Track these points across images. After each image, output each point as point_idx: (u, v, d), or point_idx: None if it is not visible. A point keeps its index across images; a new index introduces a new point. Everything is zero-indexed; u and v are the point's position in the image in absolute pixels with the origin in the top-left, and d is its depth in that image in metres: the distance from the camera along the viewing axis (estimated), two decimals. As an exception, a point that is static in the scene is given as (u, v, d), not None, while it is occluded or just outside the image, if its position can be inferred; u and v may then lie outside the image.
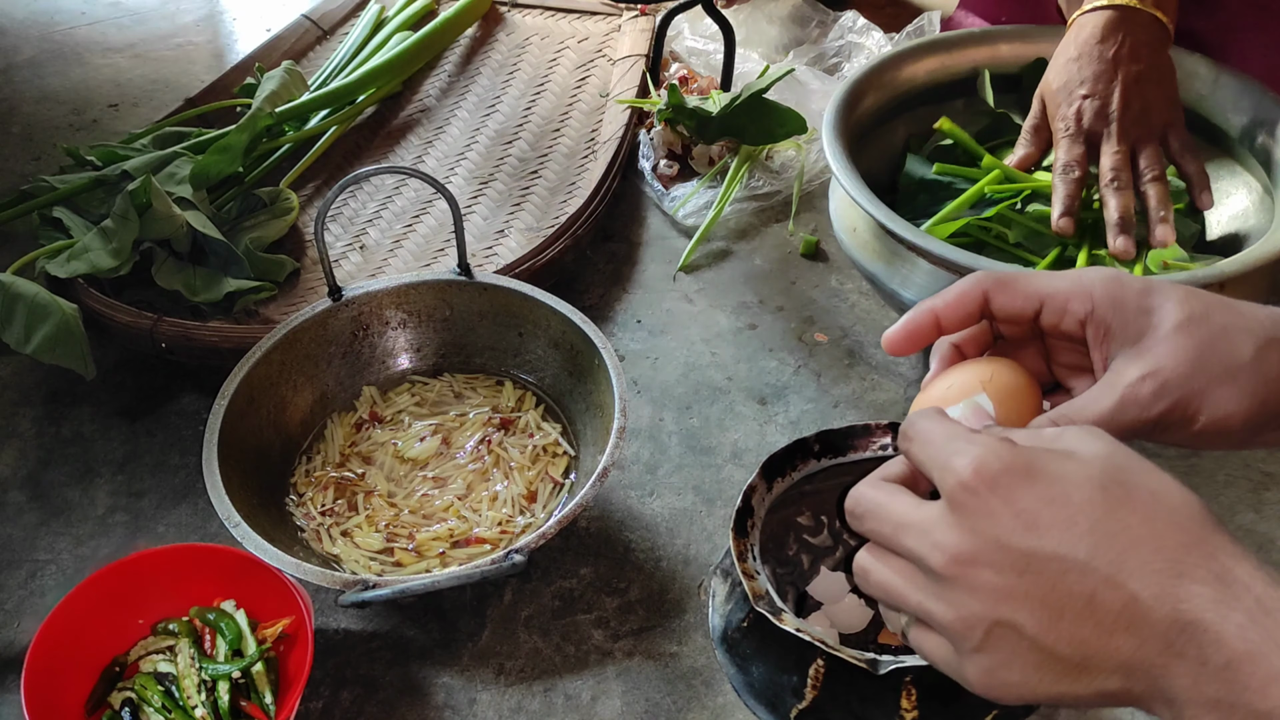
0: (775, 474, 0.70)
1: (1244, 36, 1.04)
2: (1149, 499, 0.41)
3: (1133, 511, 0.41)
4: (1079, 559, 0.40)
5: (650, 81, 1.24)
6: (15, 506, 0.87)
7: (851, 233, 0.89)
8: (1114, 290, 0.50)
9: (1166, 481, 0.42)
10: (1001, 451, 0.42)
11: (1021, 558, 0.41)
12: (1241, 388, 0.47)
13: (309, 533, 0.80)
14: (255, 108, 1.09)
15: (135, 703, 0.69)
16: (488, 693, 0.72)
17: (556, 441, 0.85)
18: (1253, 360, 0.48)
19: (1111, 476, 0.42)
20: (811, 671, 0.64)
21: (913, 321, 0.53)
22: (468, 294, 0.90)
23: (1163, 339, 0.48)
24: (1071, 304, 0.51)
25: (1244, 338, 0.48)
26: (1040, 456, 0.42)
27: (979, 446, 0.43)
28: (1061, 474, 0.42)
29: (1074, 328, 0.51)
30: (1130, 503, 0.41)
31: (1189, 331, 0.48)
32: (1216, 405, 0.48)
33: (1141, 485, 0.42)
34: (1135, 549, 0.40)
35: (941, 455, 0.44)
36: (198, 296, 0.95)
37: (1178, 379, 0.47)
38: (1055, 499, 0.41)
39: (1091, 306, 0.50)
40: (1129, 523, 0.40)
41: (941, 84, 1.00)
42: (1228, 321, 0.48)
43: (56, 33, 1.57)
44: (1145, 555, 0.40)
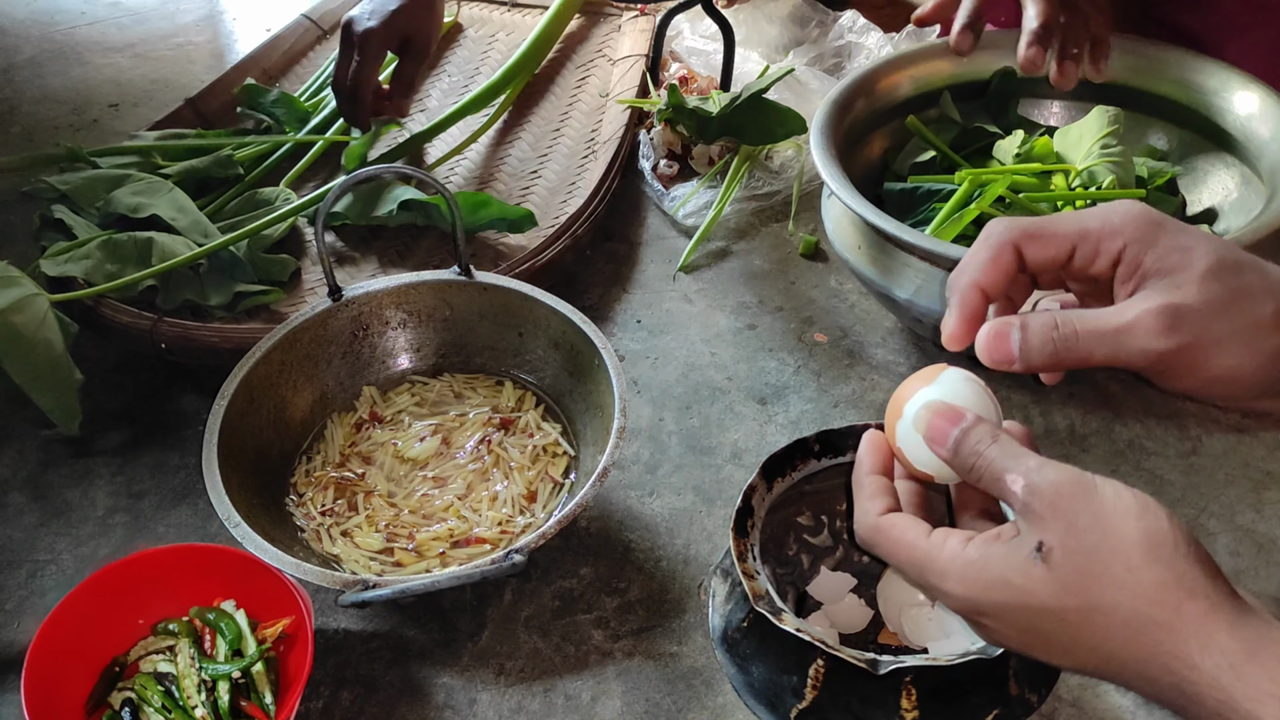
0: (775, 474, 0.70)
1: (1243, 36, 1.04)
2: (1104, 618, 0.44)
3: (1092, 635, 0.44)
4: (1072, 668, 0.47)
5: (650, 81, 1.24)
6: (15, 507, 0.87)
7: (856, 250, 0.89)
8: (1146, 228, 0.49)
9: (1119, 583, 0.44)
10: (970, 583, 0.47)
11: (1016, 644, 0.48)
12: (1259, 345, 0.48)
13: (309, 533, 0.80)
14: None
15: (135, 703, 0.69)
16: (488, 693, 0.72)
17: (556, 441, 0.85)
18: (1270, 322, 0.48)
19: (1064, 604, 0.44)
20: (811, 671, 0.64)
21: (965, 307, 0.51)
22: (468, 294, 0.90)
23: (1192, 279, 0.48)
24: (1105, 243, 0.50)
25: (1267, 300, 0.48)
26: (1005, 590, 0.46)
27: (954, 583, 0.47)
28: (1025, 608, 0.45)
29: (1105, 269, 0.50)
30: (1089, 627, 0.44)
31: (1219, 278, 0.48)
32: (1229, 356, 0.48)
33: (1093, 603, 0.44)
34: (1107, 665, 0.45)
35: (927, 579, 0.49)
36: (209, 302, 0.96)
37: (1198, 320, 0.47)
38: (1027, 629, 0.46)
39: (1124, 244, 0.49)
40: (1092, 645, 0.44)
41: (913, 97, 1.01)
42: (1255, 280, 0.48)
43: (56, 33, 1.57)
44: (1116, 669, 0.45)
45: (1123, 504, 0.44)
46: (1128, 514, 0.44)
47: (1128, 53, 0.98)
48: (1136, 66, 0.97)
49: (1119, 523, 0.44)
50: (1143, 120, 0.99)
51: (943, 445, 0.49)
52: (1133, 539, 0.43)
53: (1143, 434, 0.88)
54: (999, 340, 0.49)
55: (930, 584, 0.49)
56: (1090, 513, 0.44)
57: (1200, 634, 0.42)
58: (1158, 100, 0.97)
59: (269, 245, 1.03)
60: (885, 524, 0.50)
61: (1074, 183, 0.94)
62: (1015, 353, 0.48)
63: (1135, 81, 0.98)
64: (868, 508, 0.52)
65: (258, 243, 1.01)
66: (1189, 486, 0.83)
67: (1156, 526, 0.44)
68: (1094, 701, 0.70)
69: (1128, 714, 0.69)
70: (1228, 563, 0.78)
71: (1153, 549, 0.43)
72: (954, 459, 0.49)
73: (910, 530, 0.49)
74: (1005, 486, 0.46)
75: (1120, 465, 0.85)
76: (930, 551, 0.48)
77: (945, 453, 0.49)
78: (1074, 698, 0.70)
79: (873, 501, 0.52)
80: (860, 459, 0.54)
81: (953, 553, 0.47)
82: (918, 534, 0.49)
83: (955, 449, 0.49)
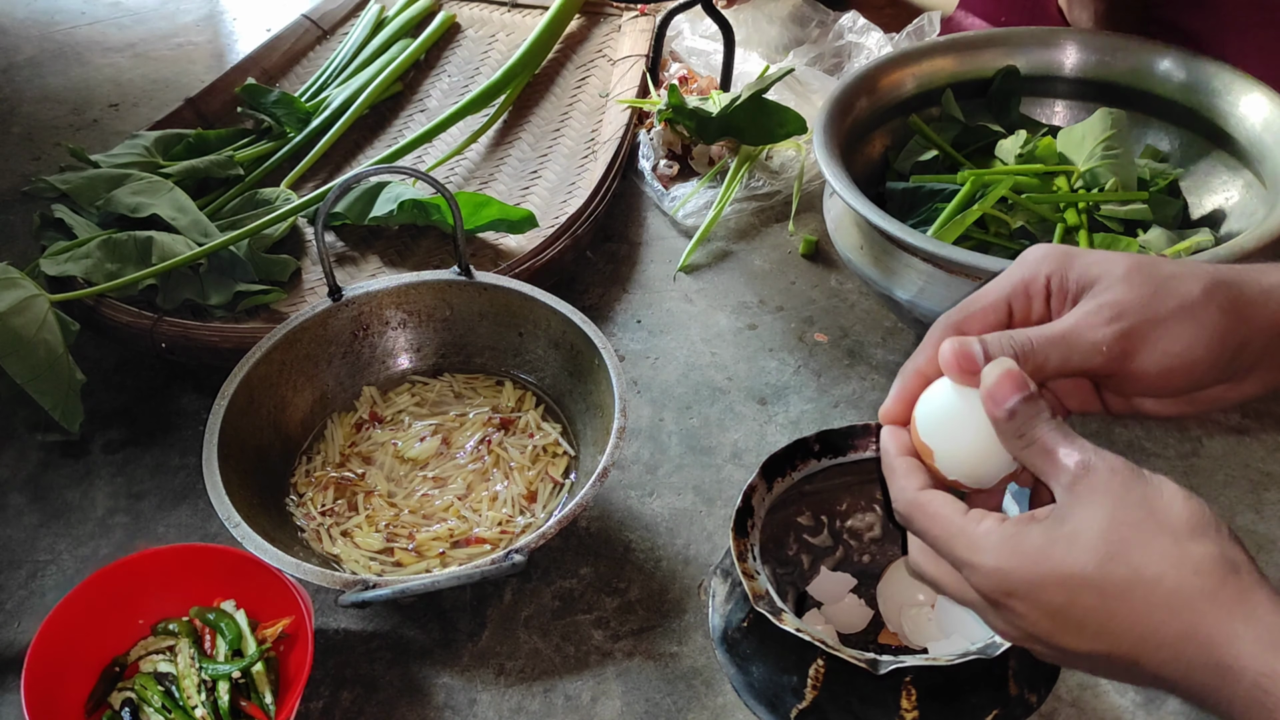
0: (775, 474, 0.70)
1: (1243, 36, 1.04)
2: (1146, 589, 0.44)
3: (1131, 610, 0.44)
4: (1100, 654, 0.45)
5: (650, 81, 1.24)
6: (15, 508, 0.87)
7: (858, 250, 0.89)
8: (1061, 258, 0.52)
9: (1164, 554, 0.44)
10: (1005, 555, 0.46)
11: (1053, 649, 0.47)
12: (1198, 322, 0.50)
13: (309, 533, 0.80)
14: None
15: (135, 703, 0.69)
16: (488, 693, 0.72)
17: (556, 441, 0.85)
18: (1202, 296, 0.50)
19: (1108, 573, 0.44)
20: (811, 671, 0.64)
21: (903, 389, 0.54)
22: (468, 294, 0.90)
23: (1117, 280, 0.51)
24: (1032, 286, 0.52)
25: (1191, 281, 0.50)
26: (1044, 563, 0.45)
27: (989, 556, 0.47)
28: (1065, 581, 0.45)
29: (1042, 309, 0.53)
30: (1129, 600, 0.44)
31: (1140, 272, 0.51)
32: (1175, 337, 0.50)
33: (1138, 572, 0.44)
34: (1141, 646, 0.44)
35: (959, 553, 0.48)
36: (210, 302, 0.96)
37: (1133, 307, 0.50)
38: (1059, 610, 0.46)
39: (1046, 277, 0.52)
40: (1130, 622, 0.44)
41: (915, 95, 1.01)
42: (1173, 270, 0.51)
43: (56, 33, 1.57)
44: (1150, 650, 0.44)
45: (1168, 489, 0.45)
46: (1174, 497, 0.45)
47: (1129, 54, 0.98)
48: (1138, 67, 0.97)
49: (1165, 503, 0.45)
50: (1144, 121, 0.99)
51: (1000, 406, 0.48)
52: (1180, 515, 0.44)
53: (1143, 435, 0.88)
54: (964, 353, 0.50)
55: (960, 558, 0.48)
56: (1139, 492, 0.45)
57: (1244, 607, 0.42)
58: (1159, 101, 0.97)
59: (269, 245, 1.03)
60: (924, 499, 0.50)
61: (1076, 184, 0.94)
62: (980, 362, 0.50)
63: (1137, 82, 0.98)
64: (904, 484, 0.52)
65: (258, 243, 1.01)
66: (1188, 487, 0.83)
67: (1200, 510, 0.45)
68: (1093, 701, 0.70)
69: (1127, 714, 0.69)
70: (1228, 563, 0.78)
71: (1198, 527, 0.44)
72: (1009, 422, 0.48)
73: (947, 506, 0.49)
74: (1057, 460, 0.47)
75: (1120, 465, 0.85)
76: (965, 525, 0.48)
77: (1001, 413, 0.48)
78: (1074, 698, 0.70)
79: (909, 478, 0.52)
80: (885, 447, 0.54)
81: (988, 528, 0.47)
82: (954, 510, 0.49)
83: (1013, 412, 0.48)
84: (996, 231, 0.92)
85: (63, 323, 0.88)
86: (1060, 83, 1.02)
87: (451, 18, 1.39)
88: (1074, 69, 1.01)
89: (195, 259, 0.96)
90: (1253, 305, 0.51)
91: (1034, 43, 1.01)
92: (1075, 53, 1.01)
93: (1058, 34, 1.02)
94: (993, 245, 0.91)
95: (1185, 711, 0.69)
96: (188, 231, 1.00)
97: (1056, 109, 1.04)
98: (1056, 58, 1.01)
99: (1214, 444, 0.86)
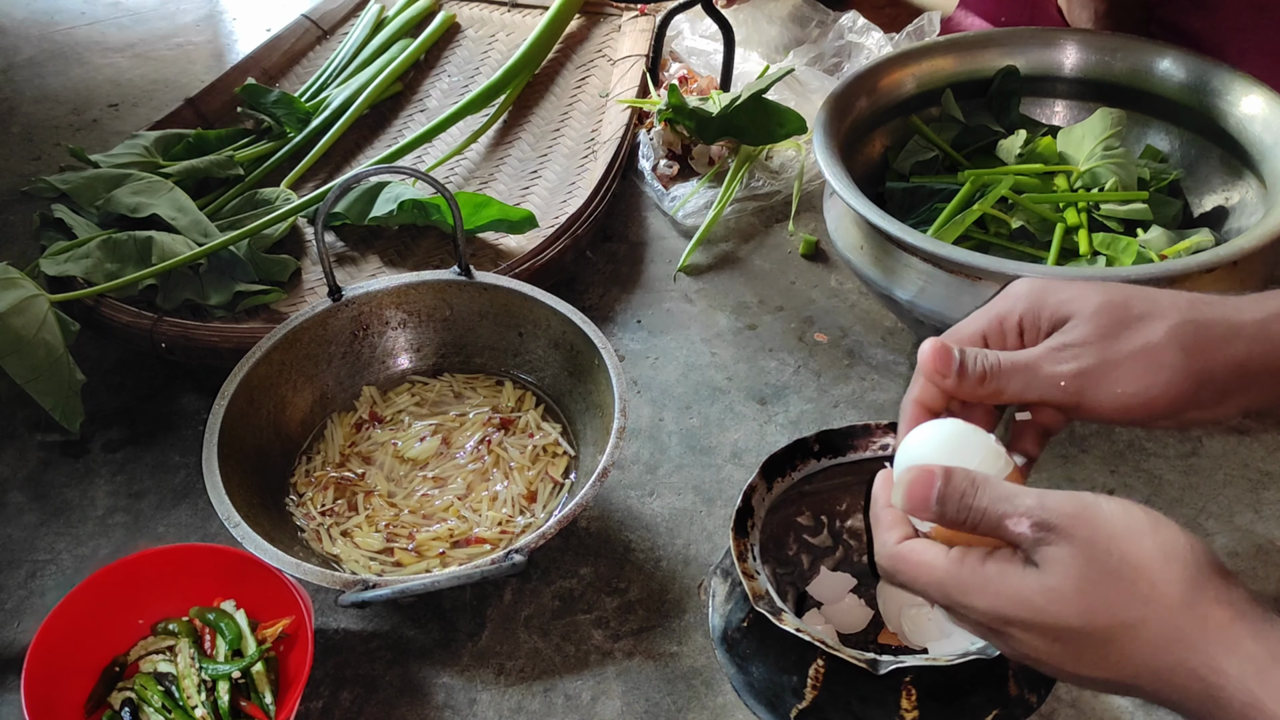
0: (775, 474, 0.70)
1: (1244, 36, 1.04)
2: (1132, 633, 0.44)
3: (1121, 651, 0.45)
4: (1100, 679, 0.46)
5: (650, 81, 1.24)
6: (15, 507, 0.87)
7: (858, 250, 0.89)
8: (1036, 295, 0.55)
9: (1143, 598, 0.44)
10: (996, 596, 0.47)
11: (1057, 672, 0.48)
12: (1158, 362, 0.52)
13: (309, 533, 0.80)
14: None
15: (135, 703, 0.69)
16: (488, 693, 0.72)
17: (556, 441, 0.85)
18: (1164, 339, 0.52)
19: (1092, 624, 0.45)
20: (811, 671, 0.64)
21: (908, 422, 0.55)
22: (468, 294, 0.90)
23: (1084, 320, 0.53)
24: (1006, 322, 0.55)
25: (1158, 321, 0.52)
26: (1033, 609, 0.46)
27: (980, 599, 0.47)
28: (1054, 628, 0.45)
29: (1015, 342, 0.56)
30: (1117, 643, 0.45)
31: (1108, 312, 0.53)
32: (1133, 378, 0.52)
33: (1120, 620, 0.44)
34: (1137, 677, 0.45)
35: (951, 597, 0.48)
36: (210, 302, 0.96)
37: (1093, 348, 0.52)
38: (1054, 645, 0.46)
39: (1020, 315, 0.55)
40: (1122, 659, 0.45)
41: (915, 95, 1.01)
42: (1145, 309, 0.53)
43: (56, 33, 1.57)
44: (1146, 680, 0.45)
45: (1134, 521, 0.45)
46: (1141, 531, 0.45)
47: (1129, 54, 0.98)
48: (1138, 67, 0.97)
49: (1134, 541, 0.44)
50: (1144, 121, 0.99)
51: (926, 511, 0.48)
52: (1151, 554, 0.44)
53: (1142, 435, 0.88)
54: (943, 355, 0.53)
55: (956, 602, 0.48)
56: (1105, 535, 0.45)
57: (1226, 641, 0.43)
58: (1159, 101, 0.97)
59: (269, 245, 1.03)
60: (904, 550, 0.50)
61: (1076, 184, 0.94)
62: (953, 368, 0.53)
63: (1137, 82, 0.98)
64: (885, 538, 0.51)
65: (258, 243, 1.01)
66: (1188, 487, 0.83)
67: (1171, 539, 0.45)
68: (1092, 702, 0.70)
69: (1127, 714, 0.69)
70: (1227, 563, 0.77)
71: (1172, 563, 0.44)
72: (943, 520, 0.48)
73: (928, 552, 0.49)
74: (1009, 532, 0.47)
75: (1120, 466, 0.85)
76: (950, 569, 0.48)
77: (931, 516, 0.48)
78: (1073, 698, 0.70)
79: (890, 532, 0.51)
80: (875, 495, 0.54)
81: (973, 568, 0.47)
82: (936, 554, 0.49)
83: (940, 510, 0.48)
84: (996, 231, 0.92)
85: (63, 323, 0.88)
86: (1060, 83, 1.02)
87: (451, 18, 1.39)
88: (1074, 69, 1.01)
89: (195, 259, 0.96)
90: (1218, 344, 0.52)
91: (1034, 43, 1.01)
92: (1075, 53, 1.01)
93: (1058, 34, 1.02)
94: (993, 245, 0.91)
95: (1185, 711, 0.69)
96: (188, 231, 1.00)
97: (1056, 109, 1.04)
98: (1056, 58, 1.01)
99: (1214, 444, 0.86)
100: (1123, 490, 0.83)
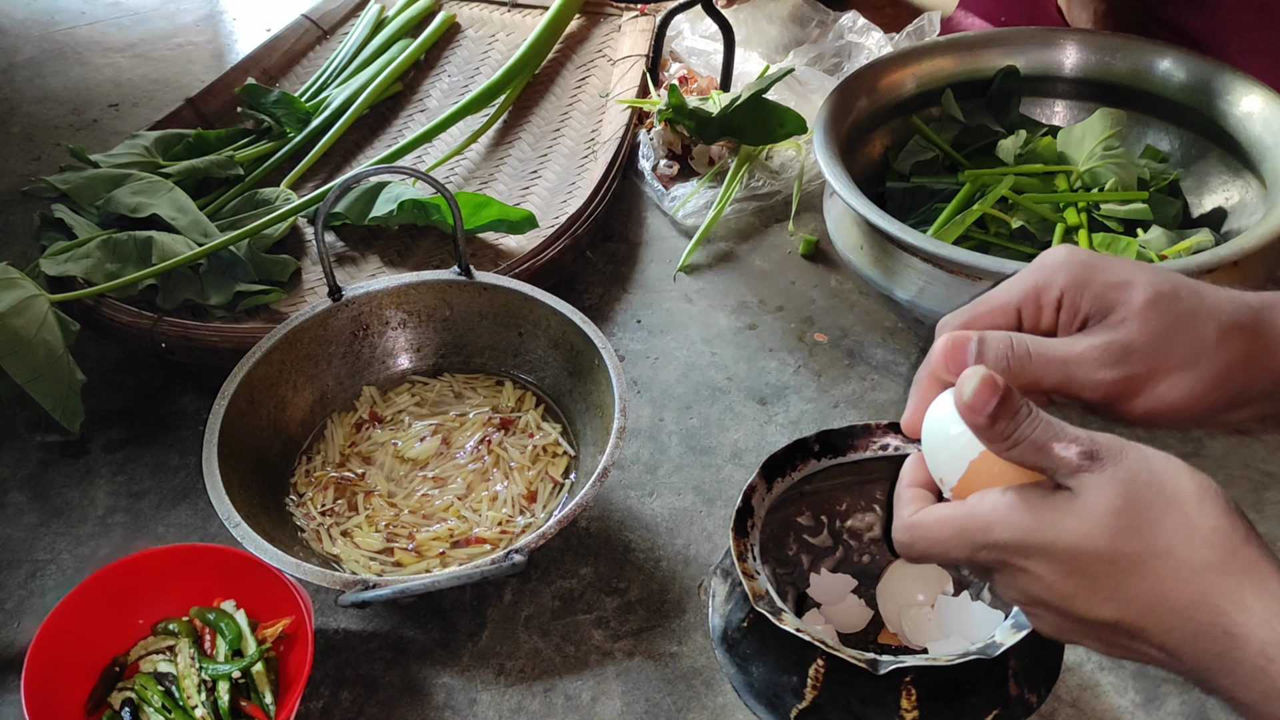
0: (775, 474, 0.70)
1: (1244, 36, 1.04)
2: (1158, 561, 0.44)
3: (1142, 580, 0.44)
4: (1108, 621, 0.45)
5: (650, 81, 1.24)
6: (15, 507, 0.87)
7: (858, 250, 0.89)
8: (1079, 272, 0.51)
9: (1175, 527, 0.44)
10: (1017, 522, 0.45)
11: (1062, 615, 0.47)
12: (1202, 372, 0.49)
13: (309, 533, 0.80)
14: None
15: (135, 703, 0.69)
16: (488, 693, 0.72)
17: (556, 441, 0.85)
18: (1215, 344, 0.49)
19: (1119, 547, 0.44)
20: (811, 671, 0.64)
21: (919, 398, 0.52)
22: (468, 294, 0.90)
23: (1133, 315, 0.49)
24: (1044, 296, 0.51)
25: (1209, 323, 0.49)
26: (1057, 530, 0.45)
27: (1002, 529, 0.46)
28: (1077, 551, 0.44)
29: (1051, 321, 0.52)
30: (1140, 571, 0.44)
31: (1158, 310, 0.49)
32: (1175, 386, 0.50)
33: (1149, 545, 0.44)
34: (1150, 614, 0.44)
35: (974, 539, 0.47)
36: (210, 302, 0.96)
37: (1142, 354, 0.49)
38: (1071, 573, 0.45)
39: (1060, 292, 0.51)
40: (1140, 590, 0.44)
41: (915, 95, 1.01)
42: (1194, 305, 0.50)
43: (56, 33, 1.57)
44: (1159, 618, 0.44)
45: (1174, 463, 0.45)
46: (1180, 470, 0.45)
47: (1129, 54, 0.98)
48: (1138, 67, 0.97)
49: (1173, 476, 0.45)
50: (1144, 121, 0.99)
51: (980, 413, 0.46)
52: (1189, 489, 0.44)
53: (1143, 435, 0.87)
54: (956, 350, 0.49)
55: (975, 542, 0.47)
56: (1146, 469, 0.45)
57: (1254, 575, 0.43)
58: (1159, 101, 0.97)
59: (269, 245, 1.03)
60: (919, 517, 0.49)
61: (1076, 184, 0.94)
62: (970, 363, 0.48)
63: (1137, 82, 0.98)
64: (902, 513, 0.50)
65: (258, 243, 1.01)
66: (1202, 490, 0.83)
67: (1207, 484, 0.45)
68: (1093, 702, 0.70)
69: (1127, 714, 0.69)
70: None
71: (1207, 499, 0.44)
72: (992, 428, 0.46)
73: (942, 509, 0.48)
74: (1053, 454, 0.45)
75: (1120, 465, 0.85)
76: (969, 510, 0.47)
77: (982, 420, 0.46)
78: (1073, 698, 0.70)
79: (906, 508, 0.50)
80: (902, 474, 0.53)
81: (993, 502, 0.46)
82: (951, 508, 0.48)
83: (993, 417, 0.46)
84: (996, 231, 0.92)
85: (63, 323, 0.88)
86: (1060, 83, 1.02)
87: (451, 18, 1.39)
88: (1074, 69, 1.01)
89: (195, 259, 0.96)
90: (1264, 352, 0.50)
91: (1034, 43, 1.01)
92: (1075, 53, 1.01)
93: (1058, 34, 1.02)
94: (993, 245, 0.91)
95: (1185, 712, 0.69)
96: (188, 231, 1.00)
97: (1056, 109, 1.04)
98: (1056, 58, 1.01)
99: (1215, 444, 0.86)
100: (1123, 490, 0.83)
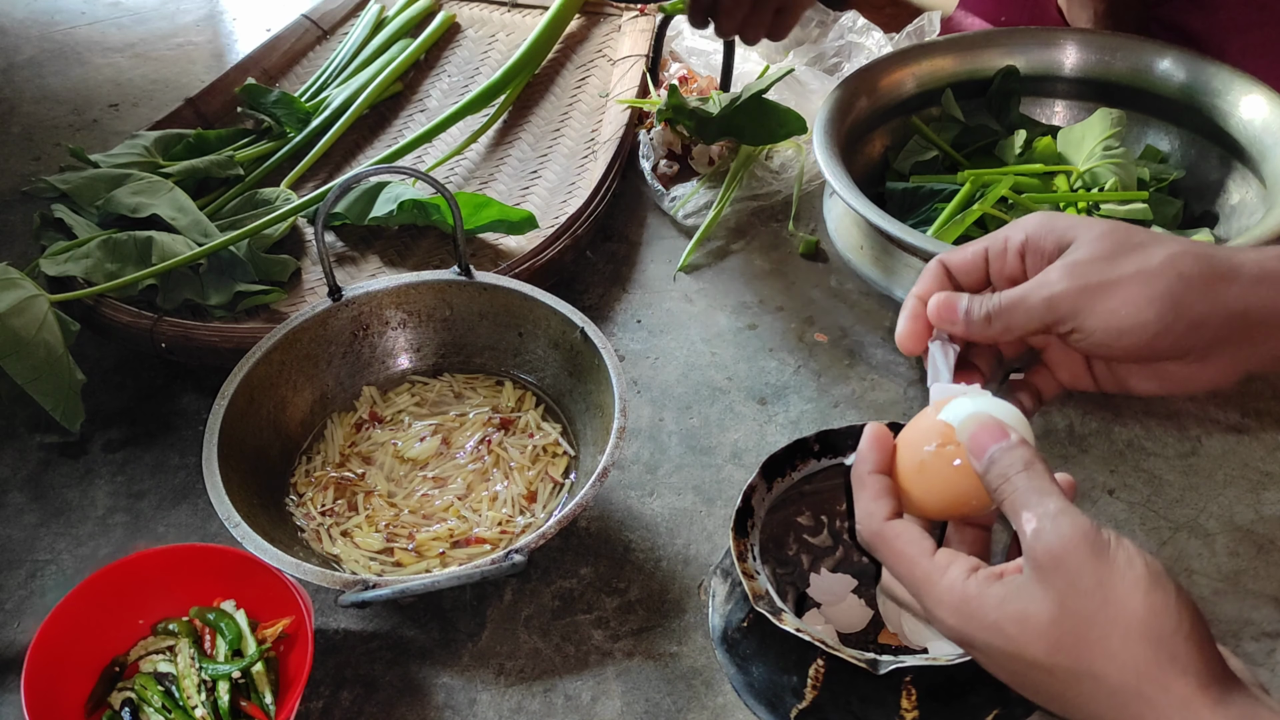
0: (775, 474, 0.70)
1: (1244, 35, 1.04)
2: (1092, 682, 0.44)
3: (1079, 695, 0.45)
4: (1059, 712, 0.47)
5: (650, 81, 1.24)
6: (15, 507, 0.87)
7: (858, 250, 0.89)
8: (1043, 220, 0.57)
9: (1111, 653, 0.44)
10: (964, 618, 0.47)
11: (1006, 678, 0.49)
12: (1151, 286, 0.52)
13: (309, 533, 0.80)
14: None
15: (135, 703, 0.69)
16: (488, 693, 0.73)
17: (556, 441, 0.85)
18: (1162, 263, 0.53)
19: (1055, 662, 0.45)
20: (811, 671, 0.64)
21: (910, 313, 0.58)
22: (468, 294, 0.90)
23: (1086, 241, 0.55)
24: (1010, 240, 0.57)
25: (1156, 249, 0.53)
26: (998, 636, 0.46)
27: (948, 615, 0.48)
28: (1016, 658, 0.46)
29: (1016, 265, 0.57)
30: (1075, 687, 0.45)
31: (1110, 236, 0.54)
32: (1126, 299, 0.52)
33: (1083, 665, 0.44)
34: (1085, 715, 0.46)
35: (922, 599, 0.50)
36: (210, 302, 0.96)
37: (1091, 266, 0.53)
38: (1013, 675, 0.47)
39: (1025, 236, 0.56)
40: (1079, 703, 0.45)
41: (915, 95, 1.01)
42: (1145, 238, 0.54)
43: (56, 33, 1.57)
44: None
45: (1133, 574, 0.44)
46: (1136, 585, 0.44)
47: (1129, 54, 0.98)
48: (1138, 67, 0.98)
49: (1124, 593, 0.44)
50: (1144, 121, 0.99)
51: (979, 459, 0.50)
52: (1135, 612, 0.44)
53: (1142, 434, 0.88)
54: (948, 304, 0.56)
55: (925, 605, 0.49)
56: (1096, 577, 0.44)
57: (1184, 712, 0.43)
58: (1159, 101, 0.97)
59: (269, 245, 1.03)
60: (890, 532, 0.51)
61: (1075, 184, 0.94)
62: (960, 315, 0.56)
63: (1137, 82, 0.98)
64: (872, 509, 0.52)
65: (258, 243, 1.01)
66: (1188, 487, 0.83)
67: (1162, 602, 0.44)
68: (1094, 702, 0.70)
69: None
70: (1227, 563, 0.78)
71: (1152, 626, 0.44)
72: (986, 475, 0.50)
73: (915, 545, 0.50)
74: (1020, 524, 0.47)
75: (1119, 466, 0.85)
76: (931, 574, 0.49)
77: (979, 466, 0.50)
78: (1074, 698, 0.70)
79: (877, 503, 0.52)
80: (863, 454, 0.54)
81: (951, 583, 0.48)
82: (921, 551, 0.49)
83: (989, 466, 0.49)
84: (996, 231, 0.92)
85: (63, 323, 0.88)
86: (1060, 83, 1.03)
87: (451, 18, 1.39)
88: (1074, 69, 1.01)
89: (195, 259, 0.96)
90: (1216, 280, 0.53)
91: (1034, 43, 1.01)
92: (1075, 53, 1.01)
93: (1058, 34, 1.02)
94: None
95: (1185, 711, 0.69)
96: (188, 231, 1.00)
97: (1056, 109, 1.04)
98: (1056, 58, 1.01)
99: (1213, 443, 0.86)
100: (1123, 490, 0.83)
